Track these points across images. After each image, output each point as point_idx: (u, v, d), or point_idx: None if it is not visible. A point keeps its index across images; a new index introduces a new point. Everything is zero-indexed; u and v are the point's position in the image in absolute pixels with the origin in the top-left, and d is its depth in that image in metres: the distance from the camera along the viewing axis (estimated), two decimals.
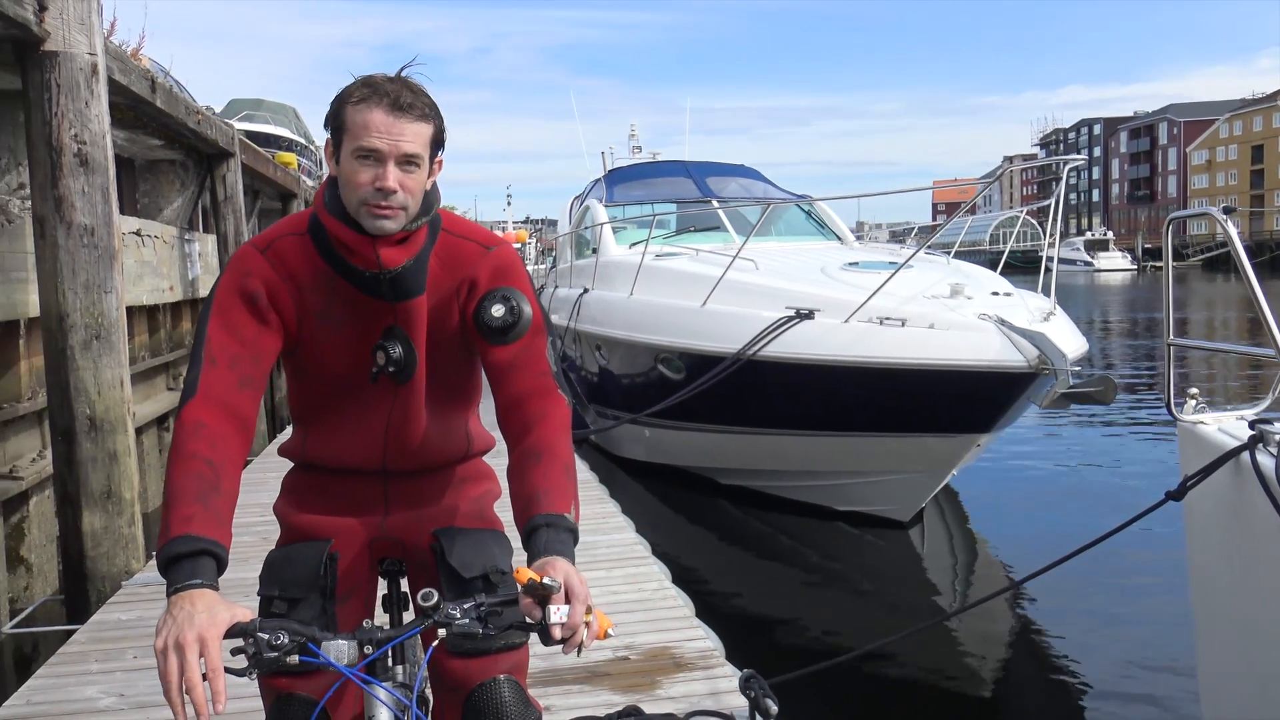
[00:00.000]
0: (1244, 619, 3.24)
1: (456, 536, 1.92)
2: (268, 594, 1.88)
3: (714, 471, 8.61)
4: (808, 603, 6.38)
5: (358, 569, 1.95)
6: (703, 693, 3.59)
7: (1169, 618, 5.53)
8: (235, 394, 1.70)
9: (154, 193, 9.54)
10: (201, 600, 1.45)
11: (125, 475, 5.24)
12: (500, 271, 1.83)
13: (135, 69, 6.31)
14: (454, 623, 1.54)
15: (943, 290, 6.71)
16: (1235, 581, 3.23)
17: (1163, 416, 12.56)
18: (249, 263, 1.77)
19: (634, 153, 16.66)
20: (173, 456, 1.63)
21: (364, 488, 1.95)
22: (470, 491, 2.02)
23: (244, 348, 1.73)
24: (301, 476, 2.01)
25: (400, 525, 1.96)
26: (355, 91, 1.65)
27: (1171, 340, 3.39)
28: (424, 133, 1.66)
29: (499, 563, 1.92)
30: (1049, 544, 5.58)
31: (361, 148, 1.63)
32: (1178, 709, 4.54)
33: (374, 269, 1.73)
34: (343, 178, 1.68)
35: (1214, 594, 3.43)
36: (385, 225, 1.67)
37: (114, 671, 3.90)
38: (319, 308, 1.78)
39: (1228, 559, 3.26)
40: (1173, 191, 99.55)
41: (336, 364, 1.83)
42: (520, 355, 1.79)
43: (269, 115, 22.85)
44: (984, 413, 6.35)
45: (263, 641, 1.46)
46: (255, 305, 1.75)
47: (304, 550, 1.90)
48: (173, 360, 9.58)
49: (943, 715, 4.77)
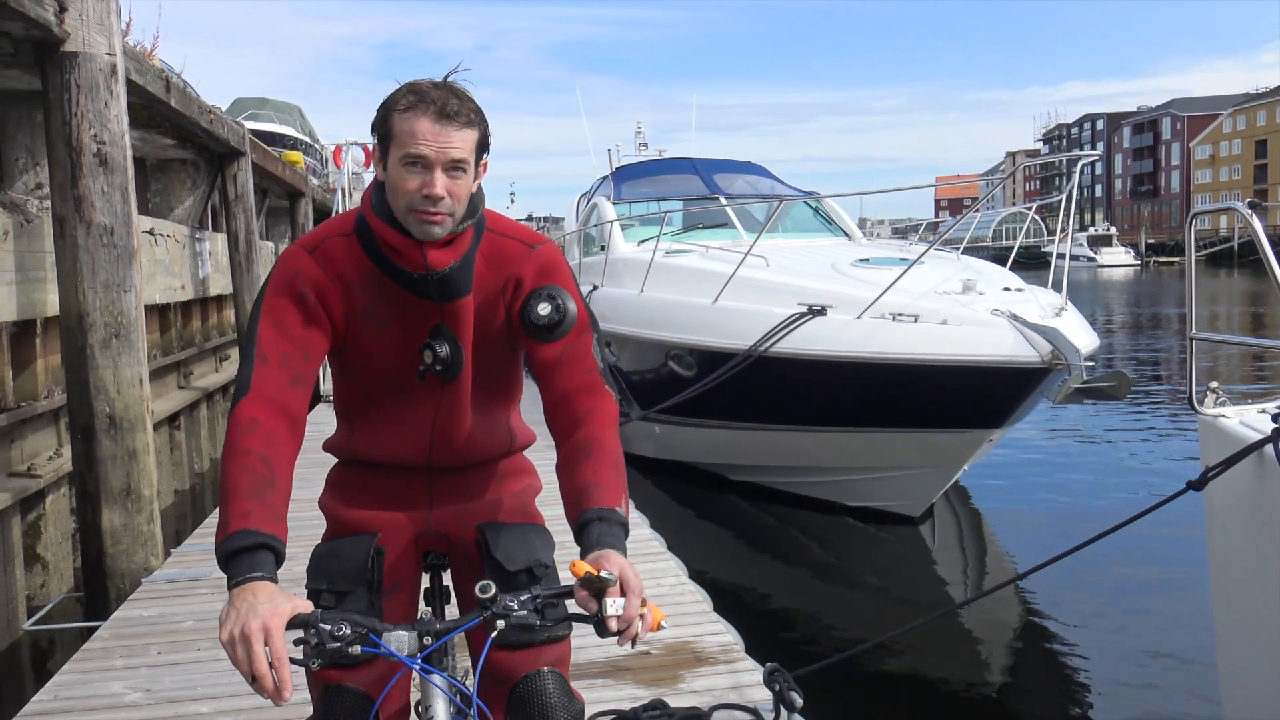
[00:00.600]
0: (1265, 610, 3.26)
1: (501, 530, 1.95)
2: (315, 587, 1.90)
3: (724, 468, 8.64)
4: (821, 597, 6.41)
5: (404, 563, 1.98)
6: (725, 686, 3.62)
7: (1188, 610, 5.56)
8: (287, 391, 1.73)
9: (165, 192, 9.58)
10: (263, 592, 1.48)
11: (144, 473, 5.27)
12: (545, 269, 1.87)
13: (151, 69, 6.34)
14: (512, 614, 1.55)
15: (955, 286, 6.73)
16: (1257, 573, 3.25)
17: (1172, 411, 12.57)
18: (297, 263, 1.79)
19: (640, 150, 16.64)
20: (228, 452, 1.65)
21: (409, 483, 1.98)
22: (512, 486, 2.06)
23: (294, 346, 1.75)
24: (347, 472, 2.04)
25: (446, 519, 1.99)
26: (402, 99, 1.67)
27: (1195, 334, 3.41)
28: (470, 138, 1.69)
29: (542, 556, 1.95)
30: (1062, 536, 5.60)
31: (409, 155, 1.65)
32: (1197, 701, 4.56)
33: (421, 270, 1.75)
34: (390, 184, 1.70)
35: (1234, 586, 3.45)
36: (433, 231, 1.70)
37: (139, 667, 3.94)
38: (366, 307, 1.81)
39: (1249, 551, 3.27)
40: (1176, 187, 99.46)
41: (383, 362, 1.86)
42: (567, 352, 1.83)
43: (274, 114, 22.82)
44: (997, 408, 6.37)
45: (325, 632, 1.48)
46: (304, 304, 1.77)
47: (351, 544, 1.92)
48: (184, 359, 9.62)
49: (961, 703, 4.79)
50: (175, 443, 9.03)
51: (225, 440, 1.69)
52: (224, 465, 1.65)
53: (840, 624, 5.84)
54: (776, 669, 3.41)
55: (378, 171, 1.75)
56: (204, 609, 4.61)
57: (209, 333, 10.70)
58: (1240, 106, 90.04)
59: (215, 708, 3.55)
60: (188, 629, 4.37)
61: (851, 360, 6.48)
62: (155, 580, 5.06)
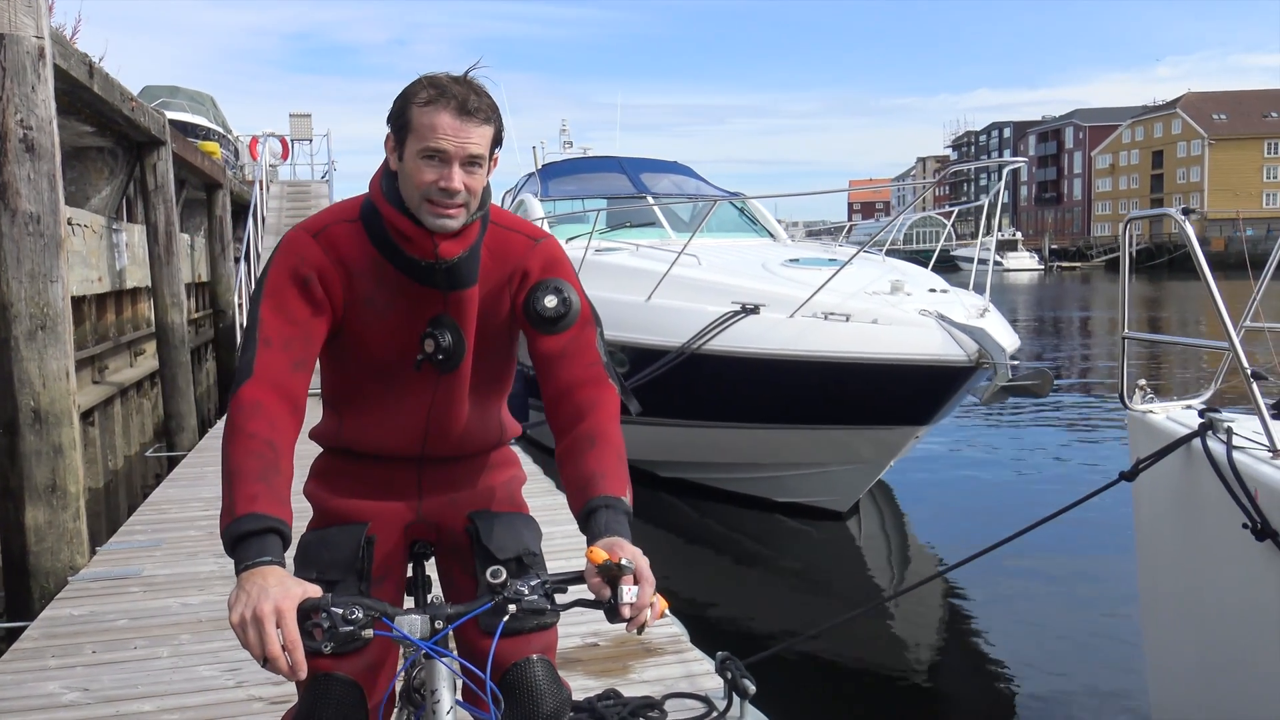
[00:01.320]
0: (1190, 597, 3.44)
1: (492, 520, 1.97)
2: (304, 575, 1.87)
3: (654, 465, 8.70)
4: (756, 591, 6.52)
5: (394, 552, 1.98)
6: (676, 676, 3.68)
7: (1116, 598, 5.80)
8: (289, 376, 1.73)
9: (81, 180, 9.27)
10: (273, 575, 1.48)
11: (70, 469, 5.12)
12: (550, 263, 1.90)
13: (75, 54, 6.15)
14: (523, 599, 1.57)
15: (883, 287, 6.91)
16: (1183, 561, 3.43)
17: (1087, 410, 13.04)
18: (301, 247, 1.79)
19: (565, 148, 16.64)
20: (231, 435, 1.64)
21: (399, 472, 1.98)
22: (500, 476, 2.07)
23: (296, 330, 1.75)
24: (335, 461, 2.02)
25: (435, 509, 2.00)
26: (421, 91, 1.69)
27: (1127, 334, 3.58)
28: (488, 134, 1.72)
29: (531, 545, 1.97)
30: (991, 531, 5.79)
31: (428, 149, 1.67)
32: (1125, 684, 4.77)
33: (430, 259, 1.76)
34: (406, 174, 1.72)
35: (1161, 574, 3.62)
36: (447, 224, 1.72)
37: (74, 667, 3.84)
38: (368, 293, 1.81)
39: (1176, 540, 3.45)
40: (1078, 194, 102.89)
41: (381, 350, 1.86)
42: (570, 345, 1.85)
43: (186, 103, 22.14)
44: (924, 405, 6.56)
45: (337, 616, 1.47)
46: (306, 288, 1.77)
47: (341, 533, 1.92)
48: (99, 353, 9.33)
49: (900, 689, 4.94)
50: (90, 439, 8.75)
51: (227, 423, 1.67)
52: (227, 447, 1.63)
53: (777, 616, 5.95)
54: (728, 658, 3.48)
55: (392, 162, 1.76)
56: (137, 607, 4.51)
57: (124, 326, 10.38)
58: (1139, 118, 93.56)
59: (159, 706, 3.48)
60: (122, 627, 4.26)
61: (785, 358, 6.61)
62: (83, 579, 4.92)
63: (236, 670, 3.76)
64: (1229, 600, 3.21)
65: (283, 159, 21.88)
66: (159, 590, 4.75)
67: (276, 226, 16.08)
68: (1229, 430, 3.10)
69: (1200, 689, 3.45)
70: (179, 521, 6.01)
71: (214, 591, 4.68)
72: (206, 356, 14.48)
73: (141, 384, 10.43)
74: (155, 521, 6.00)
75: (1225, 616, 3.24)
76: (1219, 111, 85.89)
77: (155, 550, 5.39)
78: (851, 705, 4.82)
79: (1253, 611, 3.09)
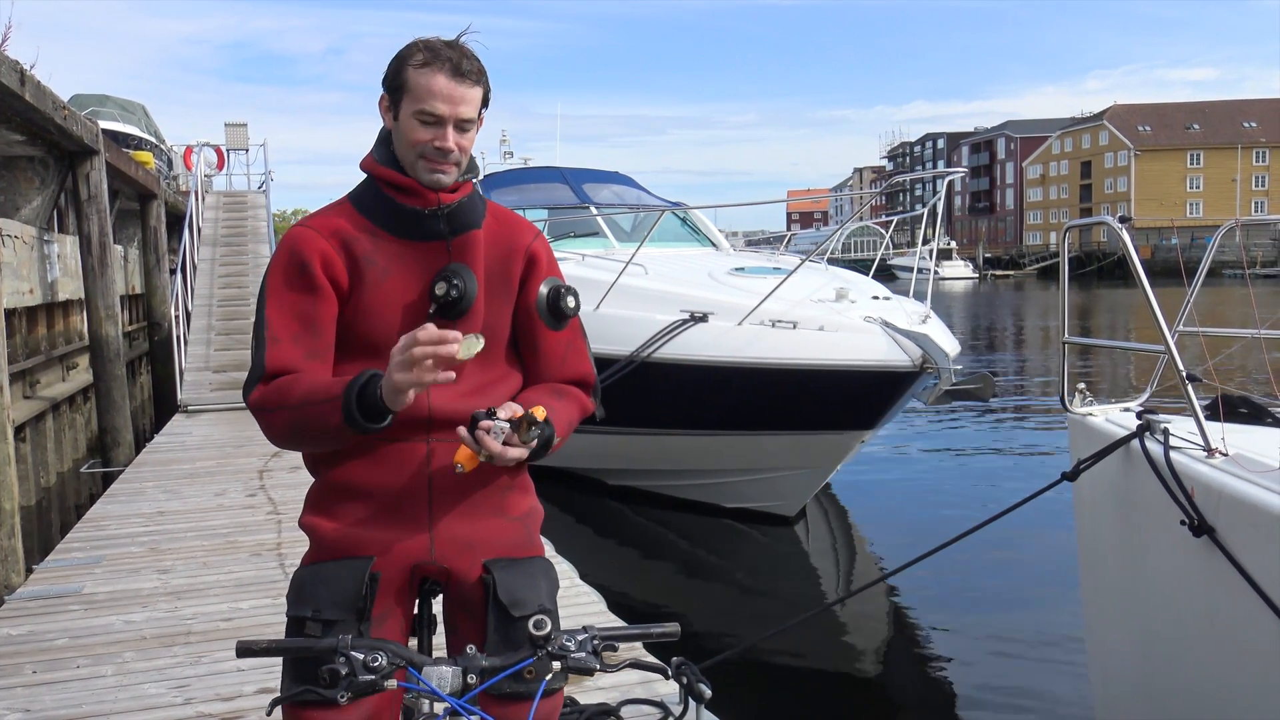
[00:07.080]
0: (1130, 593, 3.53)
1: (508, 570, 1.85)
2: (298, 614, 1.77)
3: (602, 473, 8.71)
4: (706, 596, 6.56)
5: (400, 590, 1.85)
6: (631, 682, 3.68)
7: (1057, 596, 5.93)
8: (303, 364, 1.77)
9: (10, 190, 9.05)
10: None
11: (5, 485, 5.01)
12: (551, 259, 1.98)
13: (6, 61, 6.02)
14: (569, 655, 1.45)
15: (828, 294, 7.00)
16: (1123, 559, 3.53)
17: (1028, 413, 13.30)
18: (293, 240, 1.82)
19: (505, 158, 16.61)
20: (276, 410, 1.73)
21: (406, 494, 1.83)
22: (517, 506, 1.94)
23: (304, 323, 1.79)
24: (335, 483, 1.86)
25: (450, 552, 1.85)
26: (417, 53, 1.76)
27: (1067, 338, 3.68)
28: (478, 96, 1.79)
29: (546, 601, 1.85)
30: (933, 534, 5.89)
31: (424, 111, 1.75)
32: (1067, 679, 4.88)
33: (432, 205, 1.81)
34: (401, 133, 1.79)
35: (1102, 571, 3.72)
36: (440, 179, 1.79)
37: (14, 688, 3.74)
38: (367, 254, 1.82)
39: (1116, 538, 3.55)
40: (1010, 204, 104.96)
41: (389, 320, 1.81)
42: (569, 350, 1.96)
43: (117, 112, 21.67)
44: (871, 410, 6.66)
45: (358, 661, 1.33)
46: (306, 275, 1.79)
47: (342, 568, 1.79)
48: (30, 367, 9.09)
49: (851, 689, 5.01)
50: (21, 455, 8.52)
51: (261, 421, 1.74)
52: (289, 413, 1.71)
53: (727, 621, 5.99)
54: (684, 662, 3.44)
55: (387, 121, 1.83)
56: (78, 626, 4.40)
57: (56, 340, 10.14)
58: (1068, 130, 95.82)
59: None
60: (62, 646, 4.16)
61: (734, 365, 6.67)
62: (20, 598, 4.79)
63: (184, 687, 3.69)
64: (1167, 595, 3.31)
65: (218, 169, 21.51)
66: (100, 608, 4.64)
67: (213, 237, 15.79)
68: (1166, 431, 3.19)
69: (1141, 683, 3.55)
70: (119, 538, 5.87)
71: (158, 608, 4.59)
72: (141, 370, 14.18)
73: (74, 398, 10.18)
74: (94, 538, 5.86)
75: (1164, 610, 3.34)
76: (1144, 123, 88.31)
77: (95, 567, 5.26)
78: (804, 707, 4.88)
79: (1190, 605, 3.19)
